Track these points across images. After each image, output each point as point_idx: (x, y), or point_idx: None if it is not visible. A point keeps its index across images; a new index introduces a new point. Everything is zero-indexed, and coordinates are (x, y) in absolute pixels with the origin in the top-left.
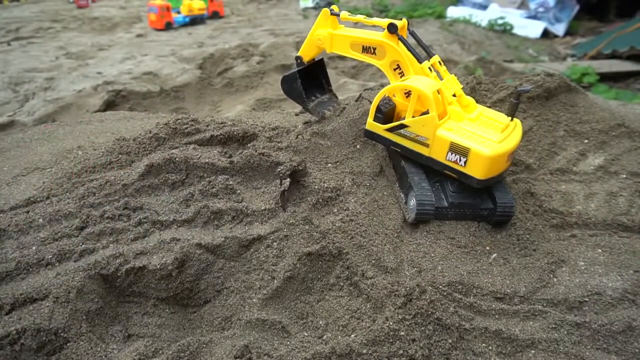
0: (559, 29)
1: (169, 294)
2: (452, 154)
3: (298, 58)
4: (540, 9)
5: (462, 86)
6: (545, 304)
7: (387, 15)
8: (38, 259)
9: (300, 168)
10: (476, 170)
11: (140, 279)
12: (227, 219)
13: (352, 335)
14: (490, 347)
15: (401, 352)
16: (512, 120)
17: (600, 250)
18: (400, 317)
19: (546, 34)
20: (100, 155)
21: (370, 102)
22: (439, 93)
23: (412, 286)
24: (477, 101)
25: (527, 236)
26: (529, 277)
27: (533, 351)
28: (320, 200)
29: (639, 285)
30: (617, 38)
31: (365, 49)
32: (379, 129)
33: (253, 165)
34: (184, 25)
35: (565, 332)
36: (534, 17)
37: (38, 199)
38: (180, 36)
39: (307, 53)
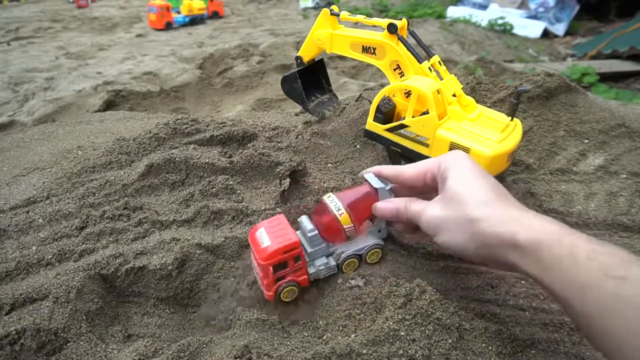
0: (559, 29)
1: (169, 294)
2: None
3: (298, 58)
4: (540, 9)
5: (462, 86)
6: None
7: (387, 15)
8: (38, 259)
9: (300, 168)
10: None
11: (140, 279)
12: (227, 219)
13: (352, 335)
14: (490, 347)
15: (401, 352)
16: (512, 120)
17: None
18: (400, 317)
19: (546, 34)
20: (100, 155)
21: (370, 102)
22: (438, 93)
23: (412, 286)
24: (477, 101)
25: None
26: None
27: (533, 351)
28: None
29: None
30: (617, 38)
31: (365, 49)
32: (379, 129)
33: (253, 165)
34: (184, 25)
35: (565, 332)
36: (534, 17)
37: (38, 199)
38: (180, 36)
39: (307, 53)
